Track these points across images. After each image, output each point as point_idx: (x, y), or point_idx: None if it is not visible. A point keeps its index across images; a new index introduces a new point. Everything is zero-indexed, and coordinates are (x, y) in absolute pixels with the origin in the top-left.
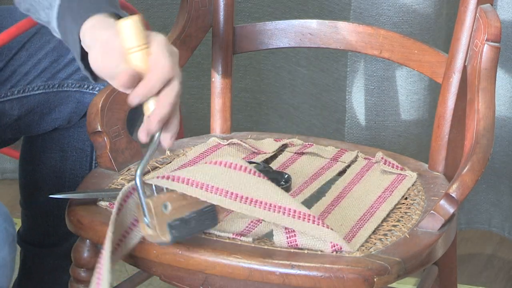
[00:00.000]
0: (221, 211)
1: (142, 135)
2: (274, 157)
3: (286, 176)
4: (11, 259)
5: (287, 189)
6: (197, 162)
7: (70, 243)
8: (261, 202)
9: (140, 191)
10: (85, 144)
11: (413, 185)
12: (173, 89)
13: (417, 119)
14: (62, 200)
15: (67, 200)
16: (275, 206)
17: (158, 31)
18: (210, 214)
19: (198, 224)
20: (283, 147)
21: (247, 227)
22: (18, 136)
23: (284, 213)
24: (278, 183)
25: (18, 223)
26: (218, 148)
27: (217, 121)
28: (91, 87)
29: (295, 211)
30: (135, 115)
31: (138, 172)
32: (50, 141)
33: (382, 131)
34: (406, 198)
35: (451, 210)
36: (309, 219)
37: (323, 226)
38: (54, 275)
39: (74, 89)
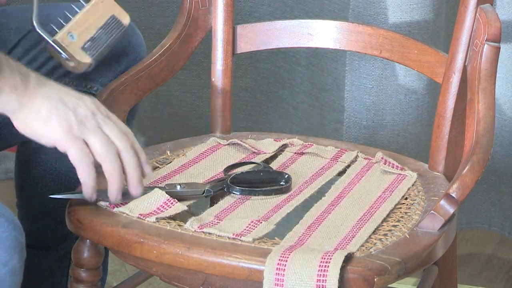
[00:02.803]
0: (123, 16)
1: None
2: (274, 157)
3: (286, 176)
4: (20, 267)
5: (287, 189)
6: (197, 162)
7: (68, 245)
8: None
9: (44, 36)
10: None
11: (413, 185)
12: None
13: (415, 118)
14: (58, 202)
15: (64, 202)
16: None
17: (159, 30)
18: (114, 23)
19: (108, 35)
20: (283, 147)
21: (247, 227)
22: (17, 138)
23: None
24: (278, 183)
25: None
26: (218, 148)
27: (217, 121)
28: (88, 86)
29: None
30: (130, 115)
31: (34, 21)
32: None
33: (380, 130)
34: (406, 198)
35: (451, 210)
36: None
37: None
38: (52, 277)
39: (71, 88)
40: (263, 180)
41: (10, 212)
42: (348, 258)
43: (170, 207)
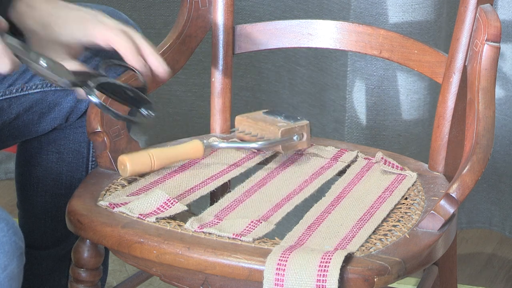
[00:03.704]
0: None
1: None
2: (274, 156)
3: (148, 107)
4: (19, 272)
5: (136, 122)
6: (197, 162)
7: (68, 245)
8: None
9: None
10: (81, 146)
11: (413, 185)
12: None
13: (417, 118)
14: (59, 202)
15: (65, 202)
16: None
17: (160, 29)
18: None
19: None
20: None
21: (247, 227)
22: (17, 138)
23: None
24: (137, 107)
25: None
26: (218, 148)
27: (217, 121)
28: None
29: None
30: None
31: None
32: (46, 142)
33: (382, 131)
34: (406, 198)
35: (451, 210)
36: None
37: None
38: (52, 277)
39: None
40: (127, 99)
41: (10, 216)
42: (348, 258)
43: (170, 207)
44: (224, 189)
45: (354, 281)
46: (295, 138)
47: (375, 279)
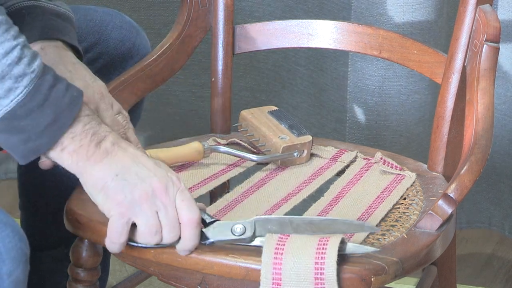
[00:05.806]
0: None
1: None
2: None
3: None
4: (24, 278)
5: None
6: (196, 162)
7: (69, 246)
8: None
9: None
10: None
11: (411, 185)
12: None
13: (418, 118)
14: (62, 204)
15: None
16: None
17: (160, 29)
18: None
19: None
20: None
21: None
22: None
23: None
24: None
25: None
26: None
27: (217, 121)
28: None
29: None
30: (134, 115)
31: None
32: None
33: (383, 131)
34: (404, 198)
35: (449, 210)
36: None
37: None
38: (53, 278)
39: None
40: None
41: (16, 223)
42: (345, 258)
43: None
44: (223, 189)
45: (351, 280)
46: (295, 154)
47: (372, 279)
